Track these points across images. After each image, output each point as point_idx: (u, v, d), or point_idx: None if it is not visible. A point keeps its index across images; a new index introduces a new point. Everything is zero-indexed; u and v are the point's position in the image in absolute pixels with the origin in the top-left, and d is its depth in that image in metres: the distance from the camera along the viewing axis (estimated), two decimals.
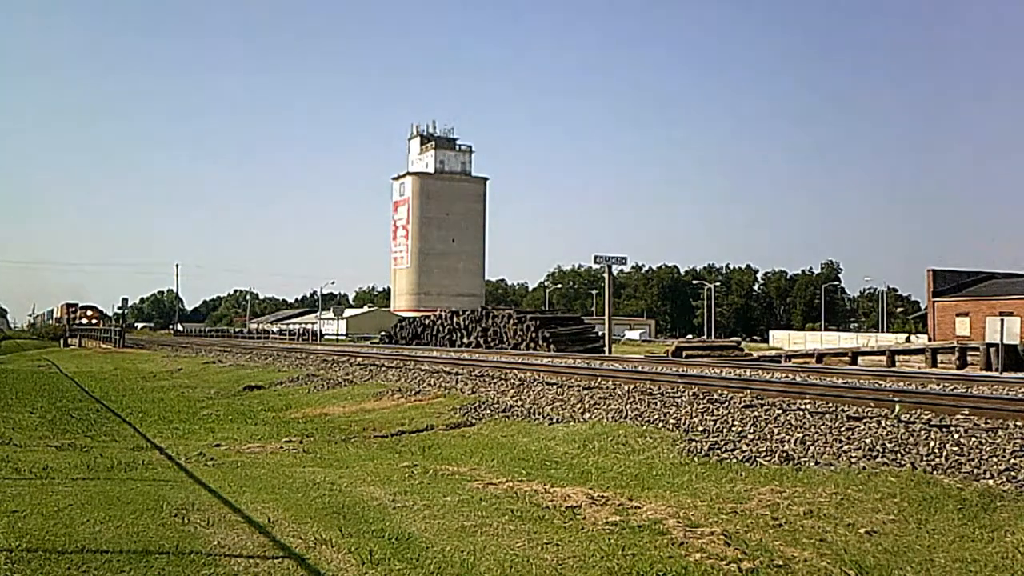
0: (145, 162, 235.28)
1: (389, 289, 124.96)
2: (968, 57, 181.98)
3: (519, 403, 13.06)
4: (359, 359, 23.82)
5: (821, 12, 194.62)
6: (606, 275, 39.30)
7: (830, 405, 10.25)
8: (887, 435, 8.34)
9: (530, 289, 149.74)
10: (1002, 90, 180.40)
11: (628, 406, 11.58)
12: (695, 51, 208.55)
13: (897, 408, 9.63)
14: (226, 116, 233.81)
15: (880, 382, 13.76)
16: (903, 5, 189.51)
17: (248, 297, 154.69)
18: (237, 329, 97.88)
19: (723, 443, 8.85)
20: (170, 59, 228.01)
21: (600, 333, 39.03)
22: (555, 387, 14.01)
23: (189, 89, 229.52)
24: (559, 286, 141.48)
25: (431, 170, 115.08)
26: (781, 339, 78.99)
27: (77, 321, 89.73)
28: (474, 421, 12.13)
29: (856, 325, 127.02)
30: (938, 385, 12.98)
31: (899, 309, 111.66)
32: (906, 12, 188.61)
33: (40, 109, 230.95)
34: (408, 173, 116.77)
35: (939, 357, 33.18)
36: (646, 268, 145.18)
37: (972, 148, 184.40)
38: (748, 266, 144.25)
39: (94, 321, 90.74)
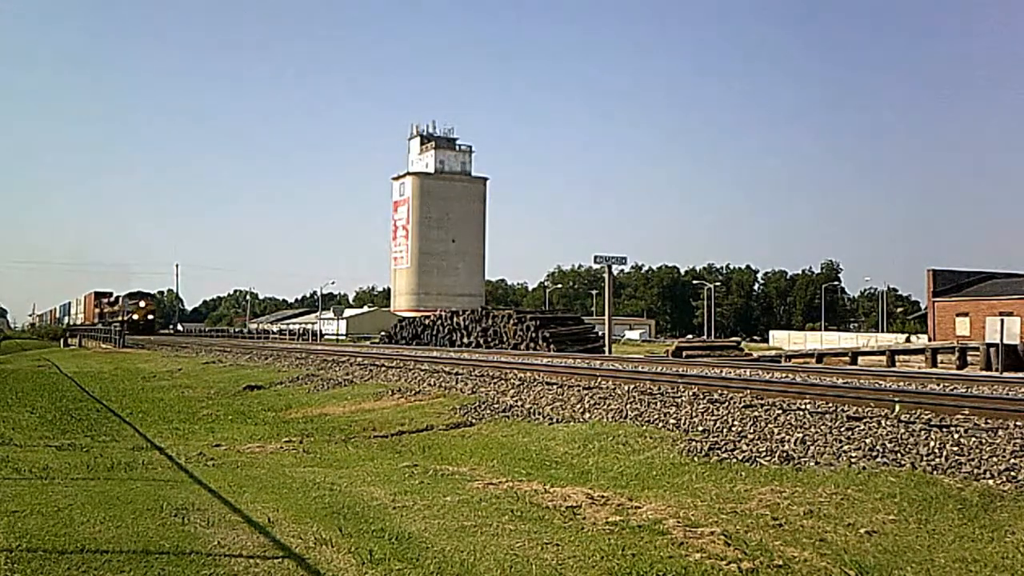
0: (145, 162, 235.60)
1: (389, 289, 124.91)
2: (969, 56, 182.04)
3: (519, 403, 13.05)
4: (359, 359, 23.81)
5: (820, 12, 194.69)
6: (606, 275, 39.28)
7: (830, 405, 10.24)
8: (887, 435, 8.34)
9: (530, 289, 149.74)
10: (1003, 89, 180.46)
11: (628, 406, 11.57)
12: (695, 51, 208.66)
13: (897, 408, 9.63)
14: (226, 116, 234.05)
15: (880, 382, 13.75)
16: (903, 4, 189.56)
17: (248, 297, 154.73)
18: (237, 329, 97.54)
19: (723, 443, 8.84)
20: (170, 59, 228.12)
21: (600, 333, 39.01)
22: (555, 387, 14.00)
23: (189, 89, 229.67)
24: (559, 286, 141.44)
25: (431, 170, 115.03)
26: (781, 339, 79.00)
27: (128, 317, 63.08)
28: (474, 421, 12.12)
29: (856, 325, 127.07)
30: (938, 385, 12.97)
31: (899, 309, 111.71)
32: (906, 11, 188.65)
33: (39, 108, 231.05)
34: (408, 173, 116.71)
35: (939, 357, 33.21)
36: (646, 268, 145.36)
37: (972, 148, 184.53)
38: (748, 266, 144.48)
39: (149, 317, 64.83)
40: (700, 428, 9.78)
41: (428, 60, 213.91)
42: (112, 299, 71.16)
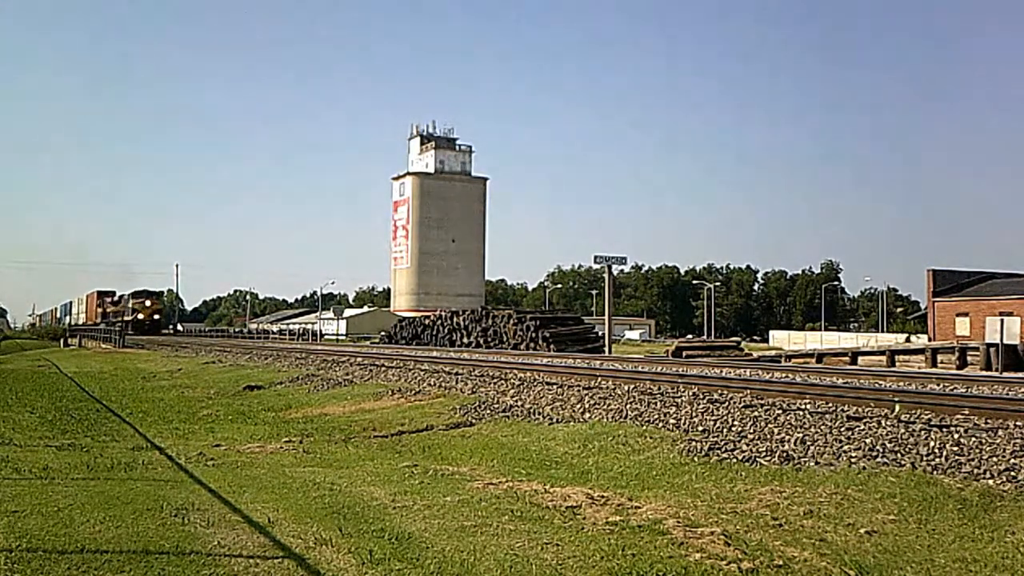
0: (145, 162, 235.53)
1: (389, 289, 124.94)
2: (969, 56, 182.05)
3: (519, 403, 13.05)
4: (359, 359, 23.81)
5: (821, 10, 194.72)
6: (606, 275, 39.28)
7: (830, 405, 10.24)
8: (887, 435, 8.34)
9: (530, 289, 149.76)
10: (1003, 89, 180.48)
11: (628, 406, 11.57)
12: (695, 50, 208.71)
13: (897, 408, 9.63)
14: (226, 116, 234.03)
15: (880, 382, 13.74)
16: (903, 4, 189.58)
17: (248, 297, 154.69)
18: (237, 329, 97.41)
19: (723, 443, 8.84)
20: (170, 59, 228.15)
21: (600, 333, 39.01)
22: (555, 387, 14.00)
23: (189, 89, 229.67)
24: (559, 286, 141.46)
25: (431, 170, 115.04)
26: (781, 339, 79.01)
27: (133, 316, 60.10)
28: (474, 421, 12.12)
29: (856, 325, 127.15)
30: (938, 385, 12.97)
31: (899, 309, 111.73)
32: (906, 11, 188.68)
33: (38, 107, 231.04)
34: (408, 173, 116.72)
35: (939, 357, 33.21)
36: (646, 268, 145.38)
37: (973, 148, 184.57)
38: (748, 266, 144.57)
39: (155, 316, 61.86)
40: (700, 428, 9.78)
41: (428, 60, 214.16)
42: (116, 298, 68.05)
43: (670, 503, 6.70)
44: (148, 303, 61.95)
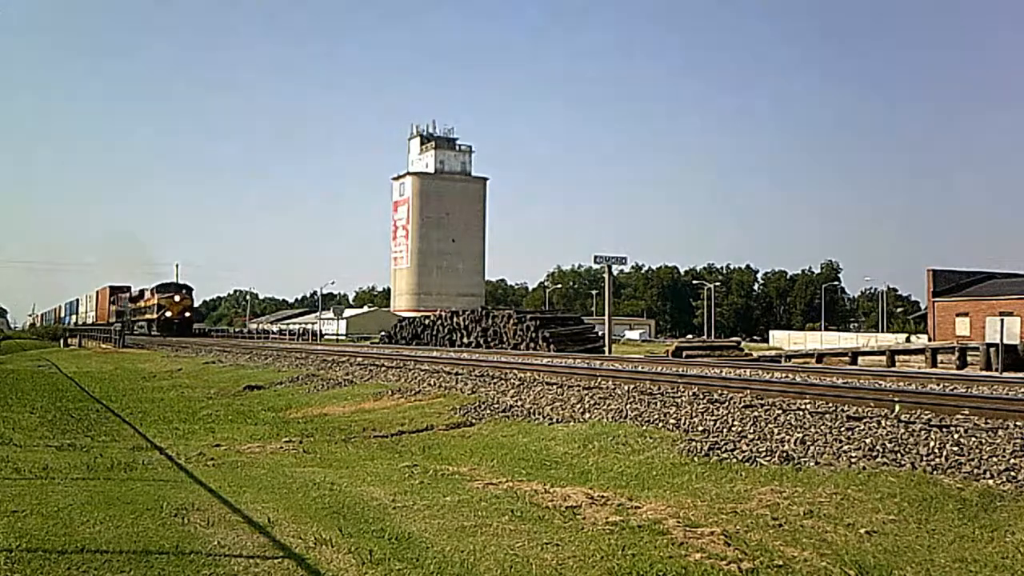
0: (145, 162, 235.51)
1: (389, 289, 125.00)
2: (969, 57, 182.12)
3: (519, 403, 13.05)
4: (359, 359, 23.80)
5: (821, 13, 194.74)
6: (606, 275, 39.28)
7: (830, 405, 10.24)
8: (887, 435, 8.34)
9: (530, 289, 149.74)
10: (1003, 90, 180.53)
11: (628, 406, 11.57)
12: (695, 51, 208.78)
13: (897, 408, 9.63)
14: (226, 116, 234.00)
15: (880, 382, 13.74)
16: (905, 6, 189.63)
17: (248, 297, 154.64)
18: (237, 329, 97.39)
19: (723, 443, 8.84)
20: (170, 59, 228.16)
21: (600, 333, 38.99)
22: (555, 387, 14.00)
23: (189, 89, 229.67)
24: (559, 286, 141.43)
25: (431, 170, 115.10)
26: (781, 339, 78.99)
27: (159, 314, 53.99)
28: (474, 421, 12.12)
29: (856, 325, 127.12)
30: (938, 385, 12.96)
31: (899, 309, 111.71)
32: (907, 13, 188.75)
33: (40, 109, 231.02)
34: (408, 173, 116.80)
35: (939, 357, 33.23)
36: (646, 268, 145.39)
37: (972, 148, 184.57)
38: (748, 266, 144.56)
39: (186, 313, 55.90)
40: (700, 428, 9.78)
41: (428, 60, 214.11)
42: (134, 294, 62.18)
43: (670, 503, 6.70)
44: (177, 298, 55.57)
